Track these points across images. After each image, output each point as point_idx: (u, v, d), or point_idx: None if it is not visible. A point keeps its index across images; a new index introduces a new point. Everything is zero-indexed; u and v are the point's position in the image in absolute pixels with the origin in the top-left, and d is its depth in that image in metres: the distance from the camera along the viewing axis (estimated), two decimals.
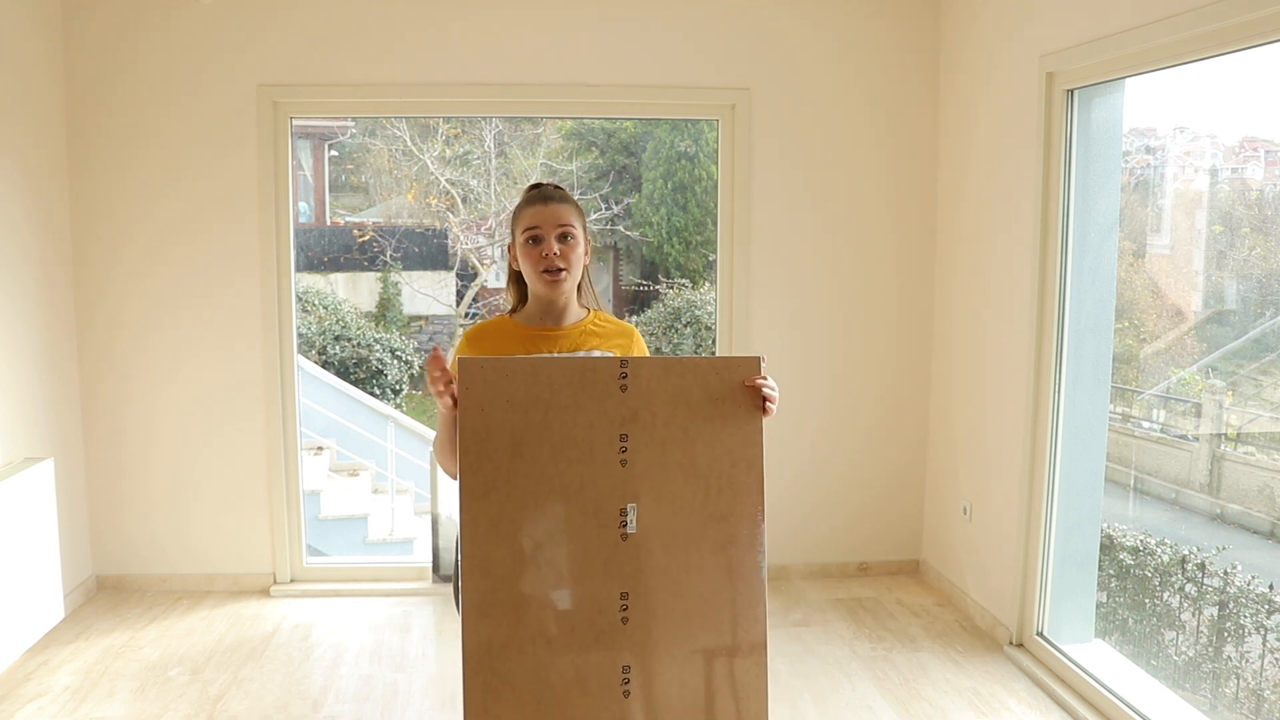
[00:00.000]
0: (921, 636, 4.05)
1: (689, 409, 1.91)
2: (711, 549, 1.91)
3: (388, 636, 4.04)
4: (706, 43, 4.40)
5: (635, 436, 1.90)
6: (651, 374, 1.90)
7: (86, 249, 4.28)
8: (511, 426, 1.87)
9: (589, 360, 1.96)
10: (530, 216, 2.14)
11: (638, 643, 1.90)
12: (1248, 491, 4.42)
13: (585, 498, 1.89)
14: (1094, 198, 3.58)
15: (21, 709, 3.37)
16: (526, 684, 1.88)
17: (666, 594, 1.90)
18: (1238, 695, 4.01)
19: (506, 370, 1.89)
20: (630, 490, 1.89)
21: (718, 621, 1.92)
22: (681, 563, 1.91)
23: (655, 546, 1.90)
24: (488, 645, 1.87)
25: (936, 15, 4.49)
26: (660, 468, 1.90)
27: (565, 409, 1.88)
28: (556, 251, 2.12)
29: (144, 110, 4.23)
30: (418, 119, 10.41)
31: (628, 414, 1.89)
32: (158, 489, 4.42)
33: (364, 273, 11.73)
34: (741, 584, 1.92)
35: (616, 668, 1.89)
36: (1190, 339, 4.95)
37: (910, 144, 4.55)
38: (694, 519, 1.91)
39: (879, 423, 4.69)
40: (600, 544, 1.89)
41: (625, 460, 1.90)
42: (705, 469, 1.91)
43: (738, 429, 1.92)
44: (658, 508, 1.90)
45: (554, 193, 2.18)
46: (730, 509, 1.91)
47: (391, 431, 7.97)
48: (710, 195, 10.93)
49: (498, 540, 1.88)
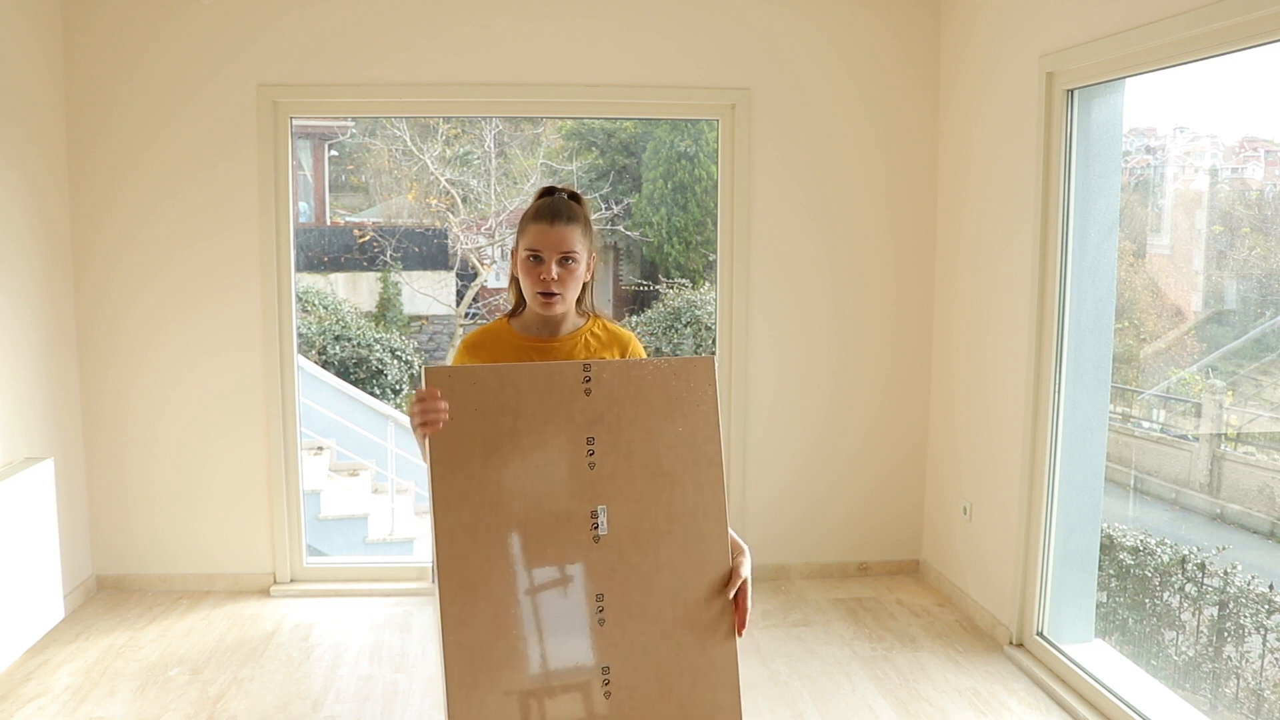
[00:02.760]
0: (921, 636, 4.05)
1: (651, 410, 1.93)
2: (681, 546, 1.93)
3: (388, 636, 4.05)
4: (706, 43, 4.40)
5: (602, 439, 1.91)
6: (614, 377, 1.93)
7: (87, 248, 4.28)
8: (482, 434, 1.88)
9: (554, 365, 1.96)
10: (534, 236, 2.10)
11: (616, 643, 1.91)
12: (1248, 491, 4.42)
13: (557, 502, 1.90)
14: (1094, 197, 3.58)
15: (21, 709, 3.37)
16: (508, 689, 1.89)
17: (640, 593, 1.92)
18: (1238, 695, 4.01)
19: (474, 378, 1.90)
20: (599, 492, 1.91)
21: (690, 615, 1.94)
22: (653, 561, 1.92)
23: (627, 546, 1.91)
24: (468, 652, 1.89)
25: (936, 15, 4.49)
26: (627, 468, 1.92)
27: (533, 414, 1.89)
28: (555, 276, 2.09)
29: (143, 110, 4.23)
30: (418, 119, 10.41)
31: (593, 417, 1.91)
32: (158, 489, 4.42)
33: (364, 273, 11.73)
34: (710, 577, 1.94)
35: (597, 669, 1.91)
36: (1190, 339, 4.95)
37: (910, 143, 4.55)
38: (661, 517, 1.93)
39: (879, 422, 4.69)
40: (574, 547, 1.90)
41: (593, 463, 1.91)
42: (670, 467, 1.93)
43: (697, 428, 1.94)
44: (626, 508, 1.92)
45: (563, 209, 2.11)
46: (696, 505, 1.94)
47: (391, 431, 7.97)
48: (710, 195, 10.93)
49: (473, 548, 1.89)
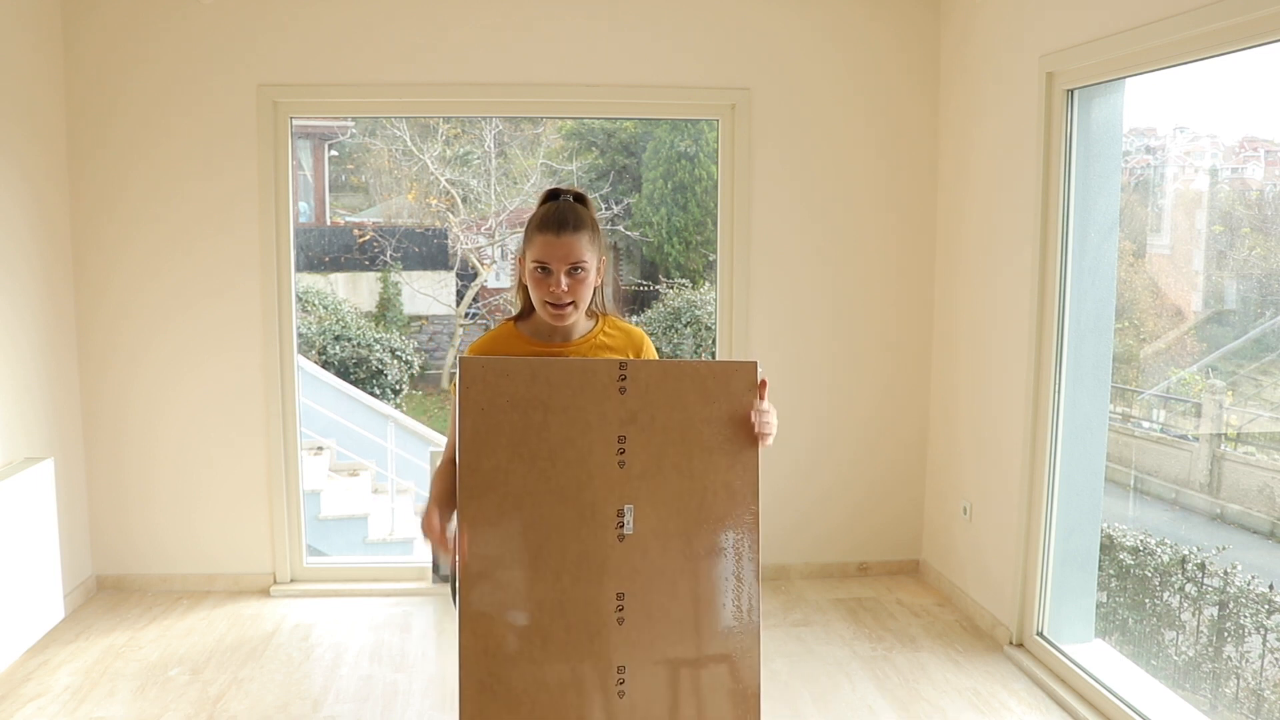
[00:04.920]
0: (921, 636, 4.05)
1: (686, 412, 1.91)
2: (707, 551, 1.92)
3: (388, 636, 4.04)
4: (707, 43, 4.40)
5: (633, 438, 1.90)
6: (650, 377, 1.91)
7: (87, 248, 4.28)
8: (511, 426, 1.87)
9: (589, 362, 1.96)
10: (541, 248, 2.01)
11: (633, 643, 1.90)
12: (1248, 491, 4.42)
13: (583, 498, 1.89)
14: (1094, 197, 3.58)
15: (21, 709, 3.37)
16: (522, 684, 1.88)
17: (662, 595, 1.91)
18: (1238, 695, 4.01)
19: (507, 370, 1.89)
20: (628, 491, 1.90)
21: (712, 622, 1.92)
22: (678, 565, 1.91)
23: (652, 548, 1.90)
24: (483, 645, 1.88)
25: (936, 15, 4.49)
26: (658, 470, 1.90)
27: (564, 410, 1.89)
28: (565, 288, 2.01)
29: (143, 110, 4.23)
30: (418, 119, 10.40)
31: (626, 416, 1.90)
32: (158, 489, 4.42)
33: (364, 273, 11.72)
34: (735, 584, 1.92)
35: (612, 668, 1.90)
36: (1190, 339, 4.95)
37: (910, 144, 4.55)
38: (690, 521, 1.91)
39: (879, 421, 4.69)
40: (597, 544, 1.89)
41: (623, 462, 1.90)
42: (702, 472, 1.91)
43: (734, 433, 1.92)
44: (654, 510, 1.90)
45: (569, 217, 2.02)
46: (726, 511, 1.92)
47: (391, 431, 7.98)
48: (710, 195, 10.93)
49: (496, 539, 1.88)
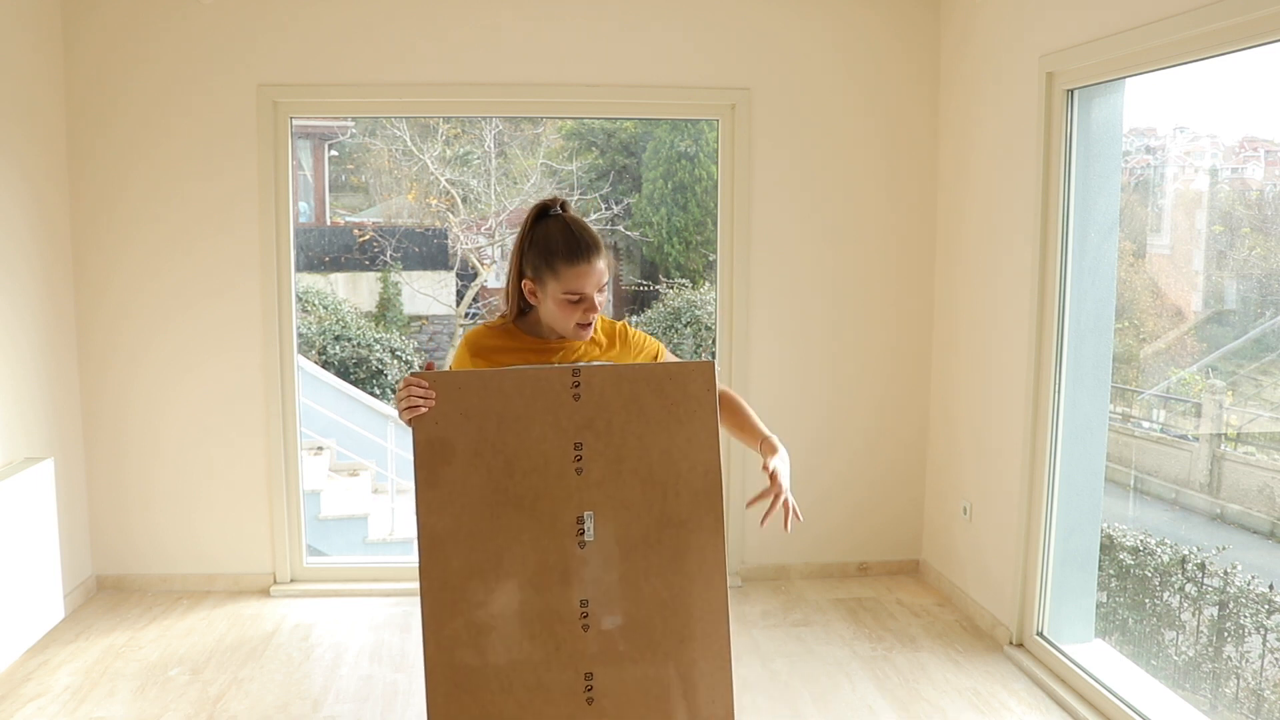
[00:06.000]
0: (921, 636, 4.05)
1: (643, 416, 1.90)
2: (671, 555, 1.90)
3: (388, 636, 4.04)
4: (706, 43, 4.40)
5: (590, 445, 1.89)
6: (605, 382, 1.90)
7: (87, 248, 4.28)
8: (466, 438, 1.87)
9: (541, 370, 1.95)
10: (574, 280, 2.02)
11: (600, 650, 1.89)
12: (1248, 491, 4.42)
13: (541, 507, 1.88)
14: (1094, 197, 3.58)
15: (21, 709, 3.37)
16: (489, 694, 1.87)
17: (627, 601, 1.90)
18: (1238, 695, 4.01)
19: (458, 383, 1.88)
20: (586, 498, 1.89)
21: (679, 626, 1.91)
22: (641, 569, 1.90)
23: (614, 554, 1.89)
24: (449, 657, 1.87)
25: (936, 15, 4.49)
26: (616, 475, 1.89)
27: (518, 419, 1.88)
28: (597, 306, 2.06)
29: (143, 110, 4.23)
30: (418, 119, 10.40)
31: (582, 422, 1.89)
32: (158, 489, 4.42)
33: (364, 273, 11.71)
34: (701, 588, 1.91)
35: (579, 675, 1.89)
36: (1190, 339, 4.95)
37: (910, 144, 4.55)
38: (652, 525, 1.90)
39: (879, 422, 4.69)
40: (559, 553, 1.88)
41: (580, 469, 1.89)
42: (662, 475, 1.90)
43: (693, 434, 1.91)
44: (615, 515, 1.89)
45: (590, 241, 2.05)
46: (689, 514, 1.90)
47: (391, 431, 7.98)
48: (710, 195, 10.93)
49: (456, 552, 1.87)
